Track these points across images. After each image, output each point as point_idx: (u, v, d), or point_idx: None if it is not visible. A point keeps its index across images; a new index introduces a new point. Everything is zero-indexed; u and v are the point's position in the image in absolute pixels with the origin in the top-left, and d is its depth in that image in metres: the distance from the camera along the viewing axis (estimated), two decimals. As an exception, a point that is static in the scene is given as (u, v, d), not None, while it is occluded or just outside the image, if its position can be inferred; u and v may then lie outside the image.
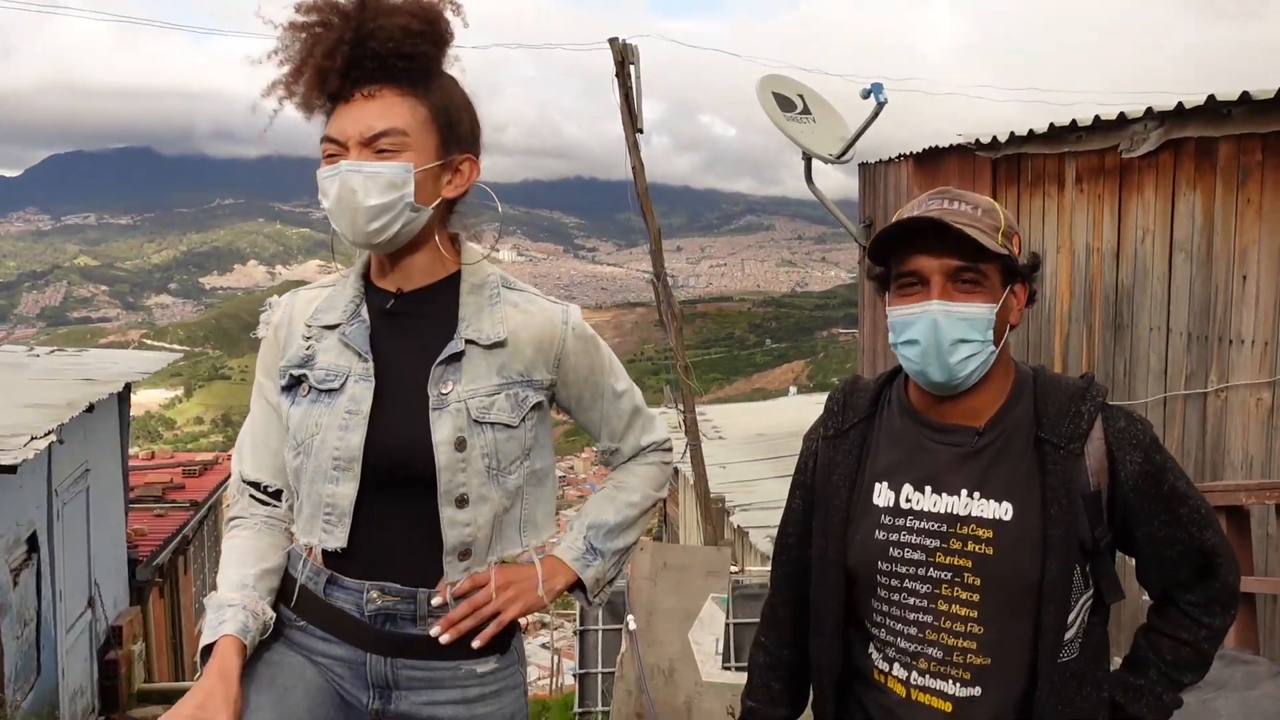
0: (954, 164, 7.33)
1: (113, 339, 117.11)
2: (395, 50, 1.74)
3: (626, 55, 9.64)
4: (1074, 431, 1.67)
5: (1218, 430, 4.76)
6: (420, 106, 1.77)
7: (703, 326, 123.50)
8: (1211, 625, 1.77)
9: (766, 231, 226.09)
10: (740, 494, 12.90)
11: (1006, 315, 1.69)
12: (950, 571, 1.69)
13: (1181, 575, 1.75)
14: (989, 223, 1.65)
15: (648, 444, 2.07)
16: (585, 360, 1.93)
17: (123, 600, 10.99)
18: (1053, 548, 1.64)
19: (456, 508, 1.79)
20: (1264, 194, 4.41)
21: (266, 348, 1.92)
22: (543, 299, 1.91)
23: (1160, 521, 1.70)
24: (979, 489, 1.69)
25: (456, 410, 1.78)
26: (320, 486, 1.79)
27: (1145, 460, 1.68)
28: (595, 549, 1.97)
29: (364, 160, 1.74)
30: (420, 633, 1.81)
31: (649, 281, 10.61)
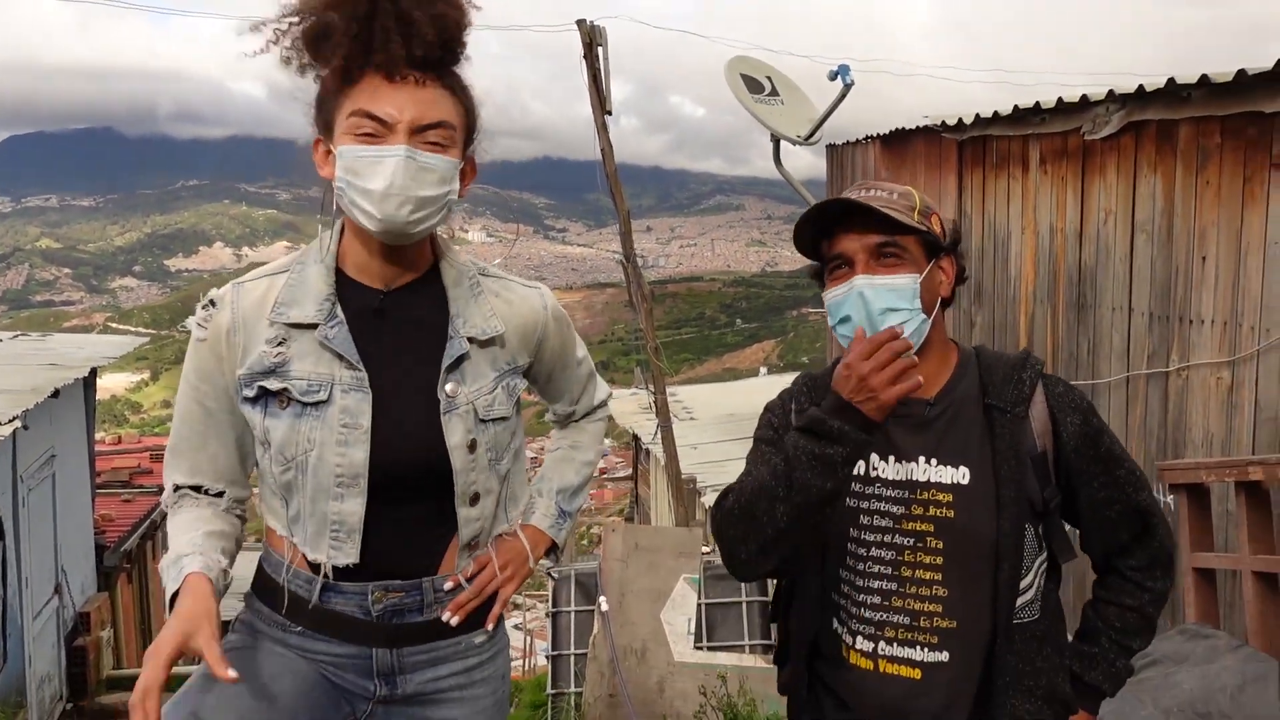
0: (921, 145, 7.37)
1: (76, 322, 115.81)
2: (446, 41, 1.70)
3: (594, 37, 9.61)
4: (1018, 396, 1.78)
5: (1179, 409, 4.84)
6: (460, 104, 1.74)
7: (673, 306, 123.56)
8: (1154, 589, 1.87)
9: (736, 211, 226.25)
10: (712, 474, 12.94)
11: (935, 288, 1.78)
12: (914, 537, 1.76)
13: (1121, 537, 1.86)
14: (904, 204, 1.75)
15: (598, 403, 2.19)
16: (559, 340, 1.99)
17: (90, 586, 10.92)
18: (1005, 506, 1.73)
19: (470, 506, 1.82)
20: (1222, 176, 4.47)
21: (209, 351, 1.77)
22: (517, 284, 1.93)
23: (1099, 483, 1.80)
24: (935, 455, 1.77)
25: (465, 412, 1.79)
26: (323, 504, 1.74)
27: (1084, 422, 1.79)
28: (565, 512, 2.07)
29: (417, 148, 1.67)
30: (426, 619, 1.83)
31: (619, 262, 10.61)
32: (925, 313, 1.74)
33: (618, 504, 35.48)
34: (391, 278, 1.78)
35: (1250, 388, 4.34)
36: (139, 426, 73.57)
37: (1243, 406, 4.40)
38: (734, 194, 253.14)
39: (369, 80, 1.67)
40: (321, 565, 1.76)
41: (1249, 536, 3.77)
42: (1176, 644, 3.65)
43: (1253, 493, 3.80)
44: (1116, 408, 5.31)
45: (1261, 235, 4.24)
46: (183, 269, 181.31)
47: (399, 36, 1.64)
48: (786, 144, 8.18)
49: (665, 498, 13.33)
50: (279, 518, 1.81)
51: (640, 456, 19.05)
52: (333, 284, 1.77)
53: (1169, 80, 4.60)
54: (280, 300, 1.75)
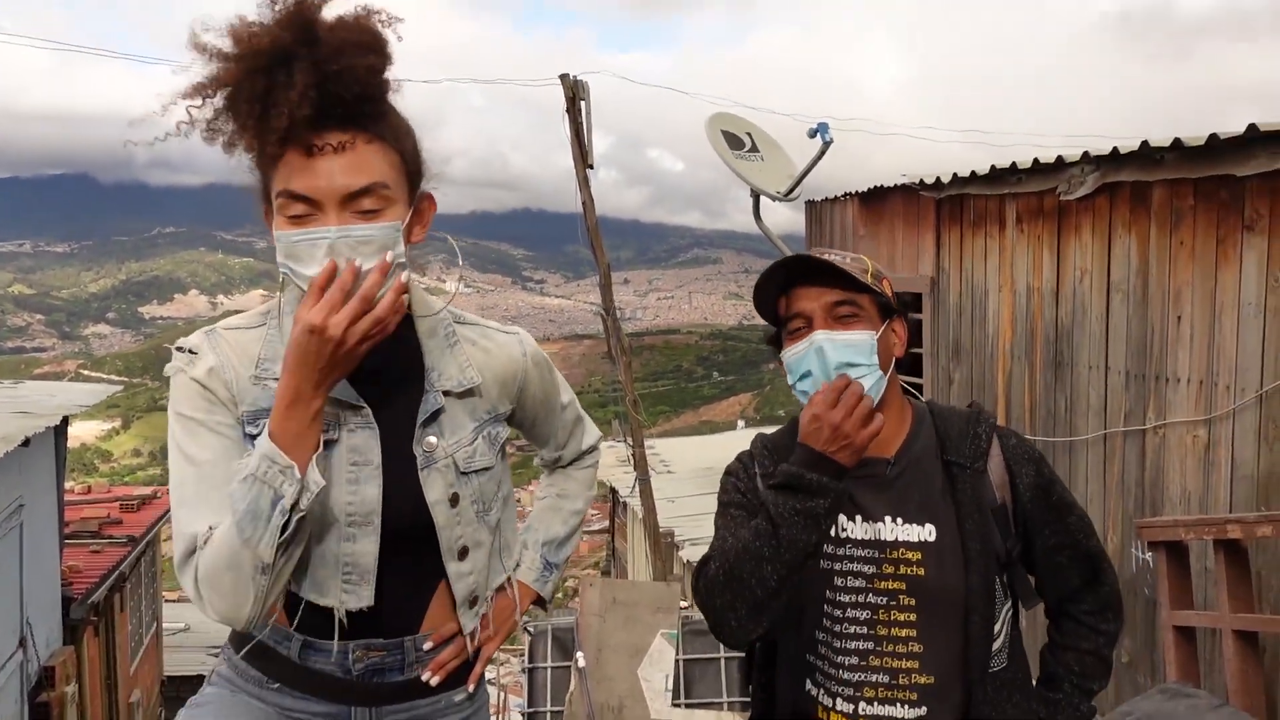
0: (899, 203, 7.46)
1: (48, 369, 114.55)
2: (363, 94, 1.59)
3: (577, 91, 9.71)
4: (976, 451, 1.84)
5: (1156, 466, 4.87)
6: (392, 153, 1.63)
7: (650, 359, 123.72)
8: (1107, 631, 1.95)
9: (714, 265, 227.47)
10: (689, 528, 12.89)
11: (889, 347, 1.83)
12: (887, 595, 1.80)
13: (1073, 582, 1.94)
14: (857, 266, 1.81)
15: (587, 448, 2.18)
16: (542, 385, 1.97)
17: (56, 640, 10.70)
18: (973, 560, 1.78)
19: (460, 560, 1.79)
20: (1196, 237, 4.54)
21: (203, 387, 1.67)
22: (496, 330, 1.91)
23: (1051, 530, 1.88)
24: (900, 514, 1.82)
25: (445, 467, 1.75)
26: (334, 546, 1.68)
27: (1037, 473, 1.87)
28: (551, 564, 2.05)
29: (348, 223, 1.58)
30: (406, 679, 1.80)
31: (597, 314, 10.65)
32: (882, 369, 1.79)
33: (593, 556, 35.20)
34: None
35: (1226, 446, 4.38)
36: (109, 475, 72.63)
37: (1219, 464, 4.43)
38: (712, 248, 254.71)
39: (289, 155, 1.57)
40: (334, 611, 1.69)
41: (1228, 594, 3.78)
42: (1157, 703, 3.64)
43: (1231, 550, 3.81)
44: (1094, 465, 5.34)
45: (1235, 295, 4.30)
46: (157, 316, 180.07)
47: (306, 106, 1.53)
48: (766, 200, 8.26)
49: (642, 551, 13.24)
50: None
51: (617, 510, 18.95)
52: None
53: (1142, 143, 4.68)
54: (264, 356, 1.70)
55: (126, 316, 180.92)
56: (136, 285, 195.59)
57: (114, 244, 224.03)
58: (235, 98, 1.56)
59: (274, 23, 1.56)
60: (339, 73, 1.55)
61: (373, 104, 1.62)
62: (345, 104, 1.57)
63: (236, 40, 1.57)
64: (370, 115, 1.62)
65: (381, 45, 1.62)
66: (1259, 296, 4.17)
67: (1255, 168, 4.07)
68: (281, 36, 1.55)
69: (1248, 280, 4.23)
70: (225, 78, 1.57)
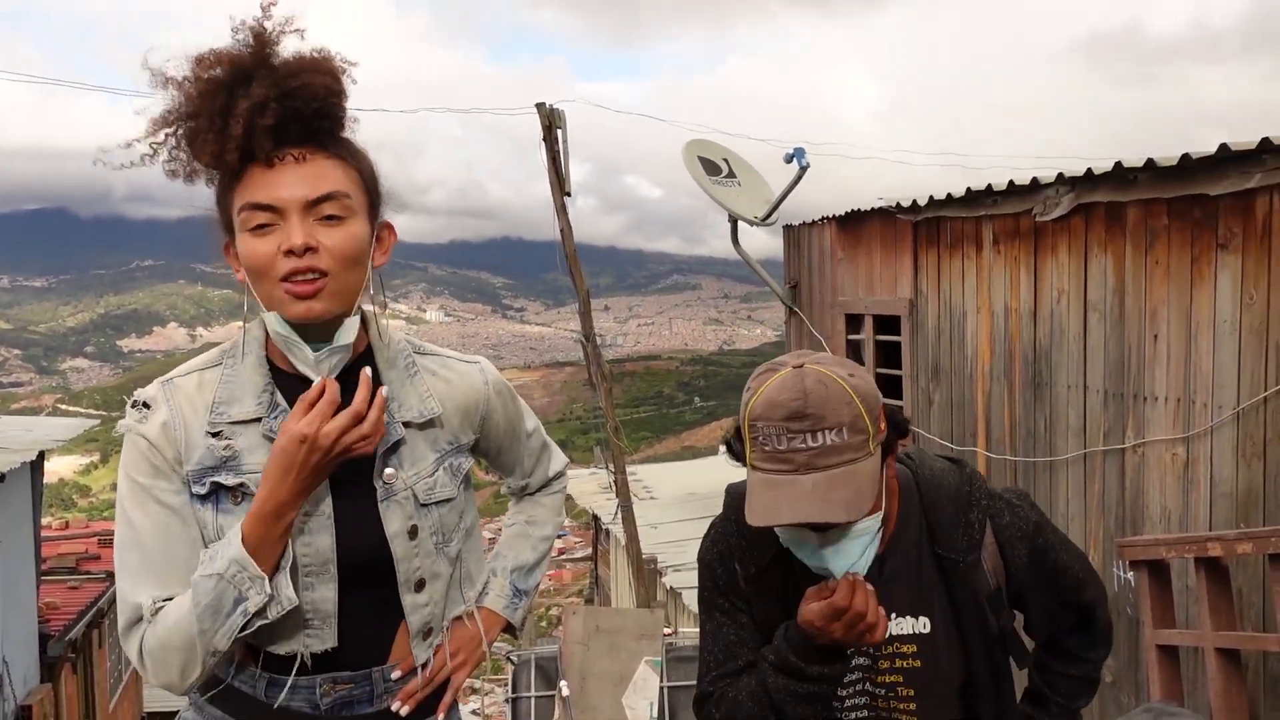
0: (876, 226, 7.50)
1: (25, 404, 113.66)
2: (320, 111, 1.62)
3: (554, 120, 9.75)
4: (969, 543, 1.77)
5: (1136, 485, 4.89)
6: (351, 169, 1.66)
7: (631, 385, 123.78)
8: (1095, 659, 1.96)
9: (693, 291, 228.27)
10: (673, 554, 12.84)
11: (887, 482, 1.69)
12: (885, 688, 1.80)
13: (1066, 625, 1.94)
14: (856, 441, 1.57)
15: (553, 474, 2.16)
16: (505, 414, 1.96)
17: (33, 677, 10.56)
18: (974, 651, 1.78)
19: (416, 592, 1.77)
20: (1171, 256, 4.58)
21: (153, 449, 1.66)
22: (456, 360, 1.89)
23: (1046, 595, 1.87)
24: (894, 609, 1.77)
25: (404, 499, 1.74)
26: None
27: (1030, 550, 1.82)
28: (520, 591, 2.03)
29: (311, 230, 1.60)
30: (376, 710, 1.78)
31: (577, 341, 10.65)
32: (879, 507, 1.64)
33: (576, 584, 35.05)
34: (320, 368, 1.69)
35: (1205, 463, 4.40)
36: (87, 510, 71.98)
37: (1199, 482, 4.45)
38: (691, 274, 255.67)
39: (250, 171, 1.60)
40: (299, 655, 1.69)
41: (1210, 612, 3.79)
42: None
43: (1212, 569, 3.82)
44: (1075, 484, 5.35)
45: (1211, 313, 4.33)
46: (136, 349, 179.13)
47: (266, 115, 1.57)
48: (744, 225, 8.30)
49: (626, 578, 13.18)
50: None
51: (600, 536, 18.88)
52: (268, 374, 1.70)
53: (1116, 164, 4.73)
54: (219, 399, 1.68)
55: (105, 350, 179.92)
56: (115, 319, 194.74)
57: (92, 277, 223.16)
58: (196, 116, 1.59)
59: (232, 48, 1.61)
60: (297, 88, 1.59)
61: (330, 120, 1.66)
62: (304, 119, 1.61)
63: (197, 64, 1.60)
64: (328, 132, 1.66)
65: (337, 73, 1.66)
66: (1234, 314, 4.20)
67: (1227, 187, 4.11)
68: (240, 58, 1.59)
69: (1222, 298, 4.27)
70: (185, 103, 1.61)
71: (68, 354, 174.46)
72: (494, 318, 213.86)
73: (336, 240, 1.61)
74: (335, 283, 1.61)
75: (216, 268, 1.72)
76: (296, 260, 1.58)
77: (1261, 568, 3.99)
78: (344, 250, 1.61)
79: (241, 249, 1.62)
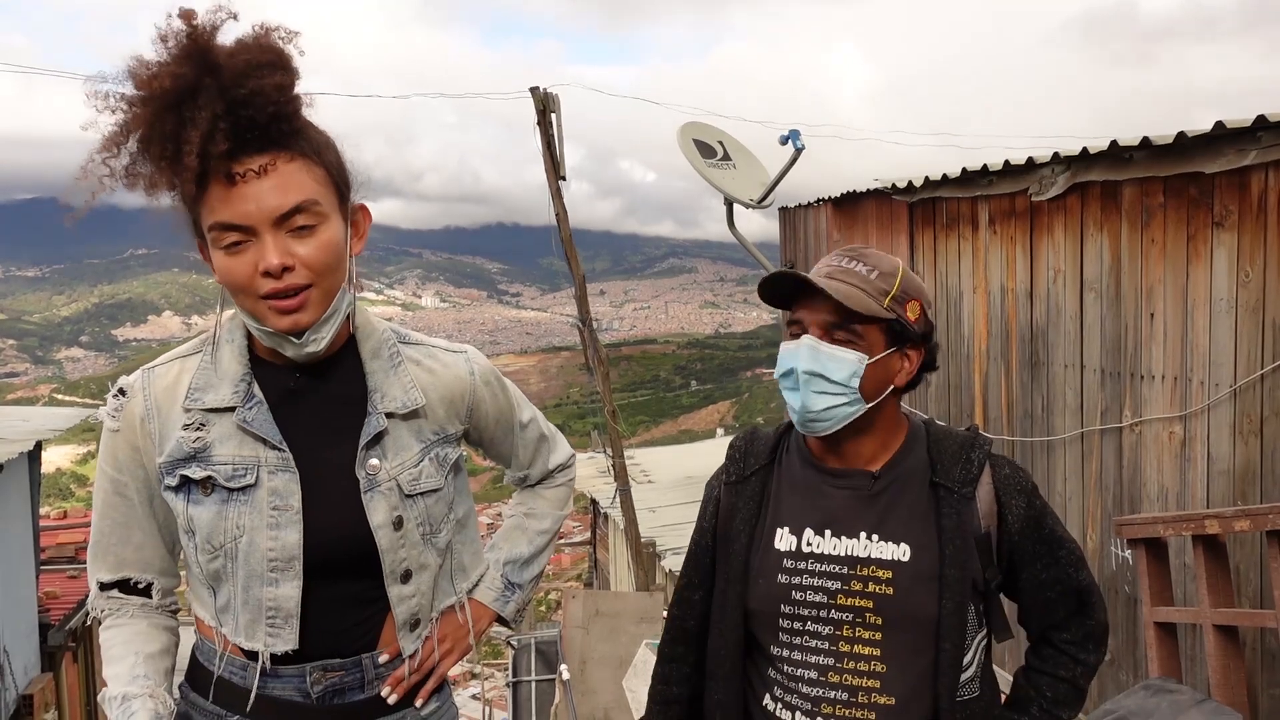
0: (872, 207, 7.49)
1: (21, 394, 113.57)
2: (276, 115, 1.55)
3: (548, 104, 9.71)
4: (966, 476, 1.78)
5: (1134, 464, 4.90)
6: (315, 167, 1.61)
7: (628, 369, 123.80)
8: (1087, 662, 1.89)
9: (689, 274, 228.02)
10: (671, 538, 12.86)
11: (887, 375, 1.77)
12: (852, 613, 1.75)
13: (1059, 614, 1.88)
14: (878, 286, 1.74)
15: (554, 466, 2.14)
16: (494, 404, 1.94)
17: (34, 667, 10.58)
18: (949, 586, 1.72)
19: (402, 583, 1.76)
20: (1166, 234, 4.57)
21: (124, 441, 1.70)
22: (441, 349, 1.88)
23: (1042, 564, 1.82)
24: (877, 531, 1.77)
25: (388, 489, 1.73)
26: (257, 591, 1.68)
27: (1028, 505, 1.80)
28: (513, 584, 2.01)
29: (284, 244, 1.56)
30: (367, 696, 1.78)
31: (574, 326, 10.63)
32: (864, 397, 1.74)
33: (575, 569, 35.13)
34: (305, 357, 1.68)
35: (1203, 441, 4.41)
36: (85, 500, 71.92)
37: (1196, 460, 4.46)
38: (687, 257, 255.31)
39: (213, 187, 1.54)
40: (259, 654, 1.70)
41: (1208, 589, 3.80)
42: (1140, 699, 3.65)
43: (1210, 546, 3.84)
44: (1072, 463, 5.36)
45: (1207, 292, 4.33)
46: (131, 338, 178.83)
47: (218, 140, 1.50)
48: (740, 207, 8.27)
49: (624, 562, 13.22)
50: (207, 607, 1.75)
51: (598, 521, 18.92)
52: (248, 365, 1.70)
53: (1112, 143, 4.72)
54: (194, 385, 1.69)
55: (100, 339, 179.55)
56: (109, 308, 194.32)
57: (86, 267, 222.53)
58: (147, 140, 1.52)
59: (172, 60, 1.51)
60: (248, 97, 1.51)
61: (287, 122, 1.58)
62: (259, 126, 1.54)
63: (138, 83, 1.52)
64: (287, 134, 1.58)
65: (286, 61, 1.57)
66: (1230, 292, 4.20)
67: (1223, 165, 4.11)
68: (181, 72, 1.50)
69: (1218, 276, 4.27)
70: (134, 123, 1.53)
71: (63, 344, 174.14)
72: (489, 303, 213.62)
73: (312, 251, 1.58)
74: (317, 290, 1.61)
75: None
76: (275, 281, 1.56)
77: (1259, 545, 4.01)
78: (320, 261, 1.59)
79: (217, 265, 1.59)
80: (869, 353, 1.74)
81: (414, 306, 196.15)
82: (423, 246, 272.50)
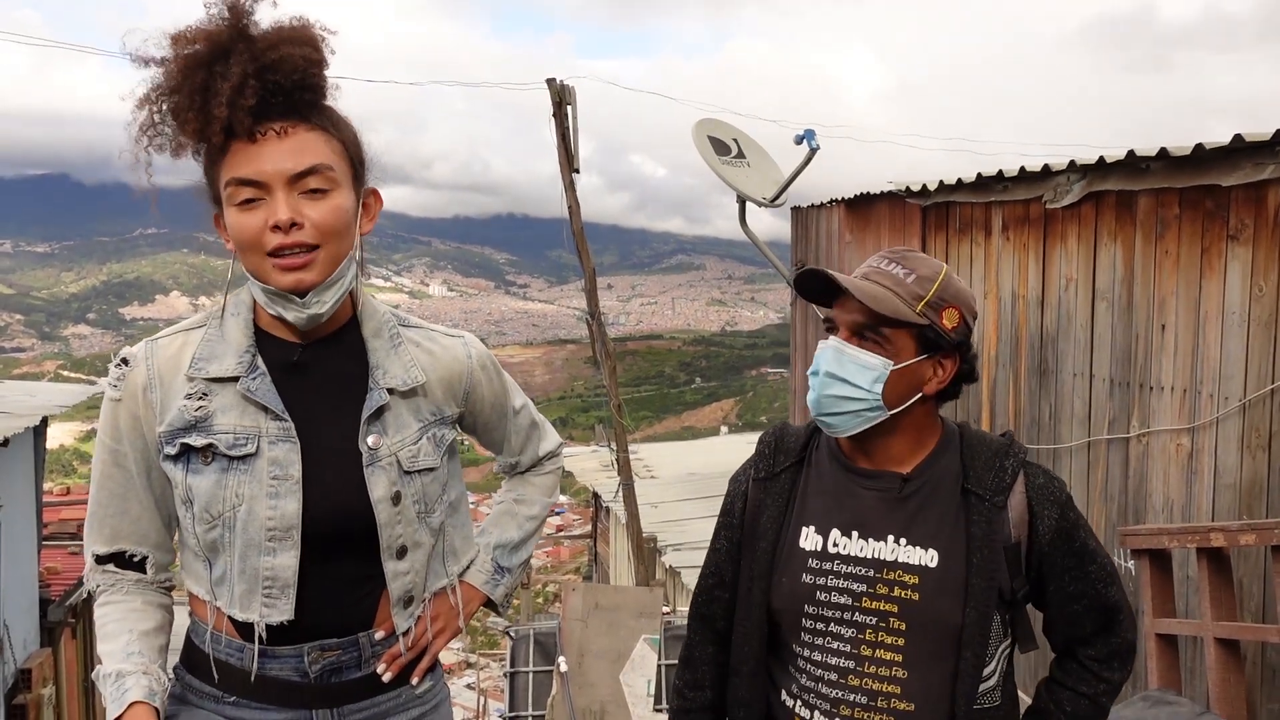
0: (885, 210, 7.48)
1: (27, 370, 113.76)
2: (300, 83, 1.64)
3: (564, 96, 9.70)
4: (998, 484, 1.75)
5: (1140, 474, 4.89)
6: (334, 140, 1.68)
7: (633, 364, 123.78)
8: (1110, 680, 1.85)
9: (697, 271, 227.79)
10: (672, 534, 12.87)
11: (915, 381, 1.75)
12: (876, 616, 1.73)
13: (1085, 629, 1.84)
14: (913, 290, 1.71)
15: (544, 454, 2.15)
16: (490, 389, 1.96)
17: (33, 642, 10.60)
18: (974, 594, 1.70)
19: (398, 559, 1.78)
20: (1181, 246, 4.57)
21: (125, 410, 1.72)
22: (440, 333, 1.91)
23: (1071, 576, 1.78)
24: (905, 535, 1.74)
25: (388, 464, 1.75)
26: (254, 560, 1.69)
27: (1061, 516, 1.76)
28: (503, 568, 2.04)
29: (296, 205, 1.63)
30: (364, 674, 1.80)
31: (581, 319, 10.63)
32: (886, 403, 1.73)
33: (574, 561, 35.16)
34: (309, 332, 1.74)
35: (1210, 454, 4.40)
36: (88, 477, 72.00)
37: (1202, 472, 4.45)
38: (695, 254, 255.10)
39: (234, 147, 1.63)
40: (254, 626, 1.71)
41: (1211, 602, 3.79)
42: (1139, 710, 3.65)
43: (1214, 559, 3.83)
44: (1078, 472, 5.36)
45: (1219, 304, 4.33)
46: (138, 317, 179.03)
47: (247, 95, 1.59)
48: (752, 206, 8.27)
49: (625, 556, 13.23)
50: (201, 581, 1.76)
51: (600, 514, 18.93)
52: (252, 336, 1.74)
53: (1129, 152, 4.71)
54: (199, 356, 1.72)
55: (107, 317, 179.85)
56: (117, 286, 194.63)
57: (95, 244, 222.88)
58: (177, 93, 1.61)
59: (209, 23, 1.62)
60: (276, 62, 1.60)
61: (310, 92, 1.67)
62: (285, 92, 1.62)
63: (174, 42, 1.62)
64: (310, 104, 1.67)
65: (315, 42, 1.67)
66: (1243, 305, 4.19)
67: (1240, 178, 4.10)
68: (218, 33, 1.60)
69: (1232, 289, 4.26)
70: (166, 80, 1.62)
71: (70, 320, 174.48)
72: (497, 294, 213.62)
73: (321, 213, 1.64)
74: (323, 253, 1.64)
75: (218, 237, 1.74)
76: (283, 236, 1.61)
77: (1264, 559, 4.00)
78: (329, 223, 1.64)
79: (229, 222, 1.65)
80: (895, 358, 1.72)
81: (421, 294, 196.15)
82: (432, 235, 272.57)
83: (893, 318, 1.70)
